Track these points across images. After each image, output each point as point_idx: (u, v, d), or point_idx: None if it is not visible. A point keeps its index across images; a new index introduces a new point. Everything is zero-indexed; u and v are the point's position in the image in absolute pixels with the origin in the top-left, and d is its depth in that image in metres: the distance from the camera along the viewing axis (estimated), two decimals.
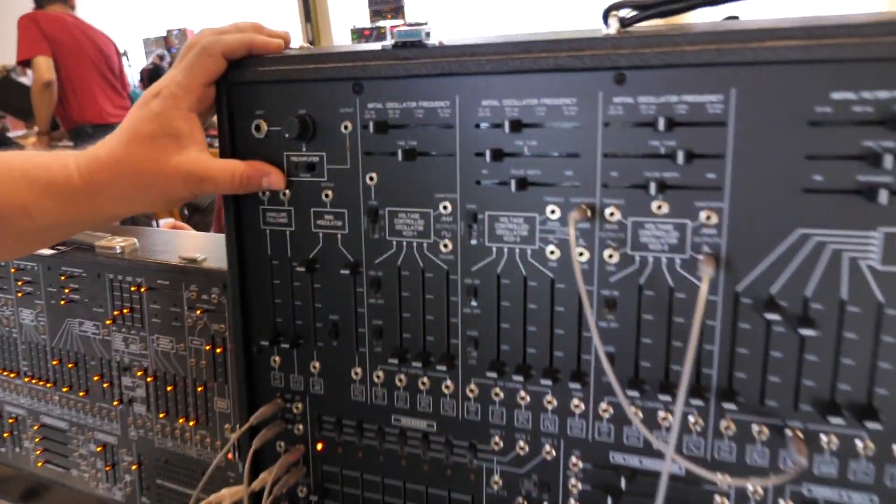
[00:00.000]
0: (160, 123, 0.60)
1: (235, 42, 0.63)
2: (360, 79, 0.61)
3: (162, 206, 0.66)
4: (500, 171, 0.58)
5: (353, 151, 0.63)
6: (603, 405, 0.59)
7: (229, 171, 0.63)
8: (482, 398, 0.63)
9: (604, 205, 0.55)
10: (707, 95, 0.51)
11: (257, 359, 0.72)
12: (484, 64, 0.56)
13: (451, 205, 0.60)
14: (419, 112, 0.60)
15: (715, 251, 0.53)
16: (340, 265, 0.65)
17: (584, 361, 0.59)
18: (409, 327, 0.64)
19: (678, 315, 0.55)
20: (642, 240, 0.55)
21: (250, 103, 0.66)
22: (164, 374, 0.99)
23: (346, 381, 0.68)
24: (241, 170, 0.63)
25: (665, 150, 0.53)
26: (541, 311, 0.59)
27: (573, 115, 0.55)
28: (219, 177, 0.62)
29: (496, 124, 0.57)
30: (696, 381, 0.56)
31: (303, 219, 0.66)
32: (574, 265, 0.51)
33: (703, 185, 0.52)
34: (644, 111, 0.53)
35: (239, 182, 0.63)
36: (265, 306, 0.70)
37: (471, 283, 0.61)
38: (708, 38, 0.50)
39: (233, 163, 0.64)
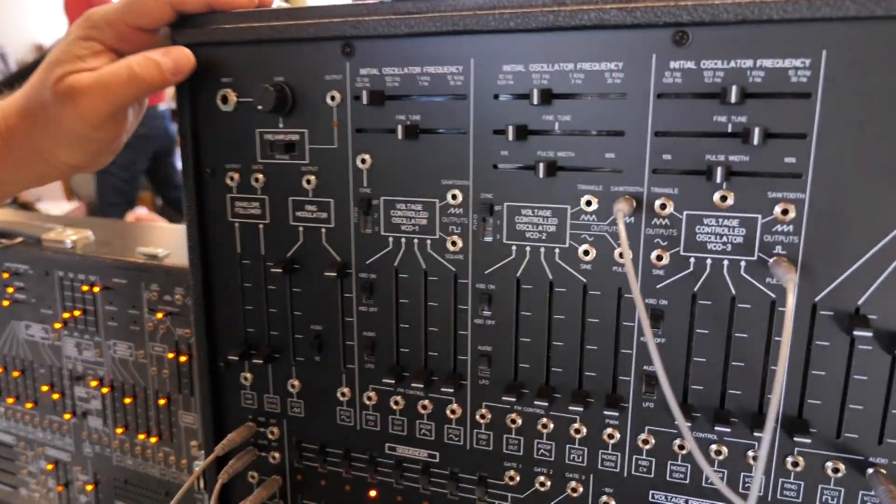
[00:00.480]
0: (60, 50, 0.53)
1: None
2: (351, 38, 0.50)
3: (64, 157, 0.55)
4: (524, 153, 0.47)
5: (341, 128, 0.52)
6: (643, 435, 0.49)
7: (110, 70, 0.51)
8: (495, 425, 0.52)
9: (653, 195, 0.45)
10: (790, 60, 0.41)
11: (225, 375, 0.60)
12: (507, 19, 0.45)
13: (462, 193, 0.49)
14: (424, 80, 0.49)
15: (790, 253, 0.43)
16: (325, 265, 0.54)
17: (622, 383, 0.48)
18: (408, 341, 0.53)
19: (741, 330, 0.45)
20: (699, 238, 0.45)
21: (215, 69, 0.54)
22: (122, 385, 0.87)
23: (332, 403, 0.57)
24: (122, 63, 0.51)
25: (733, 128, 0.43)
26: (570, 324, 0.49)
27: (618, 83, 0.44)
28: (94, 82, 0.50)
29: (520, 95, 0.46)
30: (758, 409, 0.46)
31: (279, 210, 0.55)
32: (628, 270, 0.41)
33: (779, 171, 0.42)
34: (709, 79, 0.42)
35: (126, 79, 0.50)
36: (234, 314, 0.58)
37: (484, 288, 0.50)
38: None
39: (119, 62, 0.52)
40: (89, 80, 0.51)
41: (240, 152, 0.55)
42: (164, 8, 0.52)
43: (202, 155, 0.56)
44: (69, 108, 0.51)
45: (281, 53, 0.52)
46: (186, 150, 0.56)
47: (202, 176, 0.57)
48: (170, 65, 0.51)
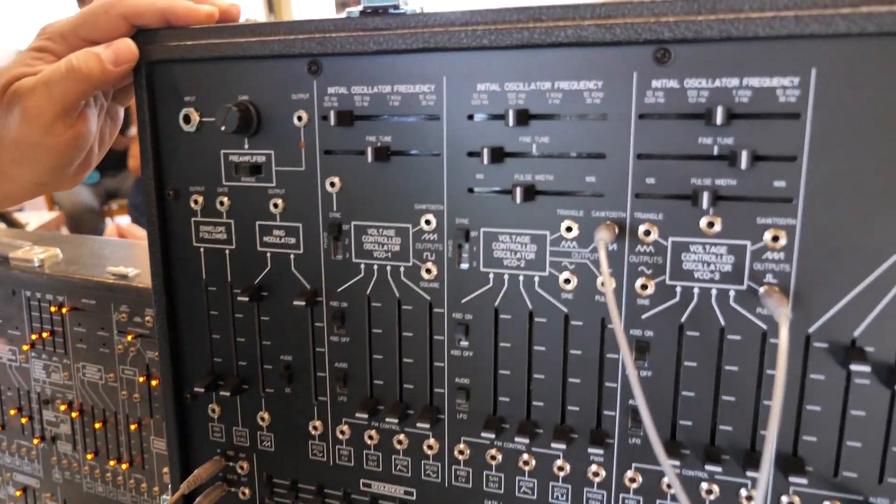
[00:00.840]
0: (11, 62, 0.52)
1: (145, 5, 0.49)
2: (318, 55, 0.47)
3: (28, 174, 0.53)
4: (501, 176, 0.45)
5: (308, 149, 0.49)
6: (630, 473, 0.46)
7: (50, 68, 0.49)
8: (474, 461, 0.50)
9: (636, 220, 0.42)
10: (778, 78, 0.38)
11: (192, 407, 0.57)
12: (480, 36, 0.42)
13: (436, 219, 0.47)
14: (395, 99, 0.46)
15: (781, 282, 0.41)
16: (294, 294, 0.51)
17: (607, 419, 0.46)
18: (382, 372, 0.51)
19: (731, 362, 0.43)
20: (686, 266, 0.42)
21: (177, 87, 0.51)
22: (92, 409, 0.84)
23: (303, 437, 0.54)
24: (62, 60, 0.49)
25: (720, 150, 0.40)
26: (551, 355, 0.46)
27: (598, 103, 0.42)
28: (36, 82, 0.48)
29: (496, 115, 0.44)
30: (751, 447, 0.44)
31: (246, 235, 0.52)
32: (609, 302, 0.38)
33: (768, 195, 0.40)
34: (693, 98, 0.40)
35: (65, 73, 0.48)
36: (200, 343, 0.56)
37: (461, 318, 0.48)
38: (783, 0, 0.37)
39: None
40: (32, 81, 0.49)
41: (204, 174, 0.52)
42: (117, 22, 0.50)
43: (165, 176, 0.54)
44: (16, 114, 0.49)
45: (245, 71, 0.49)
46: (147, 171, 0.53)
47: (165, 198, 0.54)
48: (110, 56, 0.49)
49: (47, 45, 0.51)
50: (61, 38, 0.51)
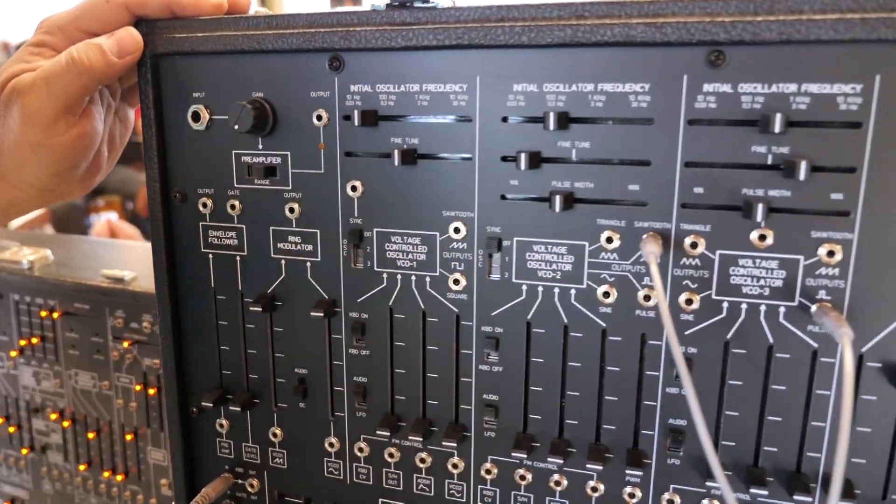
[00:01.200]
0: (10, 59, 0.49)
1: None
2: (341, 50, 0.44)
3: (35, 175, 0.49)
4: (537, 183, 0.42)
5: (328, 151, 0.46)
6: (668, 494, 0.44)
7: (50, 62, 0.46)
8: (503, 481, 0.47)
9: (682, 232, 0.40)
10: (839, 85, 0.36)
11: (198, 422, 0.54)
12: (518, 33, 0.40)
13: (466, 227, 0.44)
14: (423, 99, 0.43)
15: (835, 299, 0.39)
16: (310, 303, 0.49)
17: (644, 438, 0.44)
18: (405, 387, 0.48)
19: (779, 381, 0.41)
20: (734, 281, 0.40)
21: (185, 83, 0.48)
22: (85, 418, 0.80)
23: (318, 454, 0.52)
24: (62, 53, 0.46)
25: (774, 160, 0.38)
26: (587, 372, 0.44)
27: (644, 107, 0.39)
28: (35, 77, 0.45)
29: (533, 118, 0.41)
30: (797, 468, 0.42)
31: (259, 240, 0.49)
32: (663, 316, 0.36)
33: (824, 208, 0.38)
34: (747, 104, 0.38)
35: (66, 67, 0.45)
36: (207, 355, 0.52)
37: (490, 331, 0.45)
38: (851, 2, 0.35)
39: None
40: (31, 77, 0.46)
41: (214, 176, 0.49)
42: (119, 12, 0.47)
43: (171, 178, 0.50)
44: (16, 113, 0.46)
45: (260, 66, 0.46)
46: (152, 172, 0.50)
47: (171, 201, 0.51)
48: (113, 46, 0.46)
49: (45, 39, 0.48)
50: (60, 31, 0.48)
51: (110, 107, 0.53)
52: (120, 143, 0.56)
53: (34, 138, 0.46)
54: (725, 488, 0.32)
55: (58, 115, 0.46)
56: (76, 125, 0.47)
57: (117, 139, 0.55)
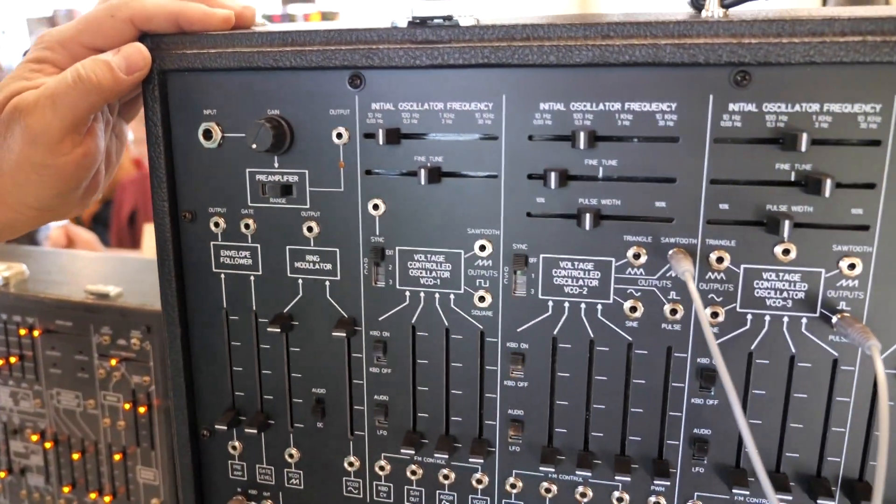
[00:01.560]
0: (9, 77, 0.47)
1: (154, 8, 0.44)
2: (362, 68, 0.43)
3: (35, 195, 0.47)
4: (564, 200, 0.43)
5: (349, 170, 0.45)
6: (691, 503, 0.45)
7: (55, 80, 0.44)
8: (527, 495, 0.48)
9: (708, 247, 0.41)
10: (860, 105, 0.38)
11: (208, 445, 0.53)
12: (546, 52, 0.40)
13: (491, 244, 0.44)
14: (447, 117, 0.43)
15: (855, 309, 0.40)
16: (329, 323, 0.48)
17: (669, 448, 0.45)
18: (428, 405, 0.48)
19: (800, 390, 0.42)
20: (758, 294, 0.41)
21: (195, 99, 0.47)
22: (69, 438, 0.78)
23: (337, 474, 0.51)
24: (68, 70, 0.44)
25: (796, 177, 0.39)
26: (612, 385, 0.45)
27: (671, 125, 0.40)
28: (39, 95, 0.43)
29: (560, 136, 0.42)
30: (817, 473, 0.43)
31: (275, 260, 0.48)
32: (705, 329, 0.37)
33: (845, 223, 0.39)
34: (771, 123, 0.39)
35: (73, 84, 0.43)
36: (218, 377, 0.51)
37: (516, 347, 0.45)
38: (871, 25, 0.36)
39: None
40: (34, 95, 0.44)
41: (226, 194, 0.48)
42: (123, 27, 0.45)
43: (180, 197, 0.49)
44: (17, 133, 0.44)
45: (276, 83, 0.45)
46: (160, 191, 0.48)
47: (179, 220, 0.49)
48: (121, 63, 0.44)
49: (46, 55, 0.46)
50: (61, 46, 0.46)
51: (108, 123, 0.51)
52: (116, 159, 0.54)
53: (38, 159, 0.44)
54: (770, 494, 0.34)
55: (63, 135, 0.44)
56: (81, 144, 0.45)
57: (113, 156, 0.53)
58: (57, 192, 0.46)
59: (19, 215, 0.47)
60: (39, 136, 0.43)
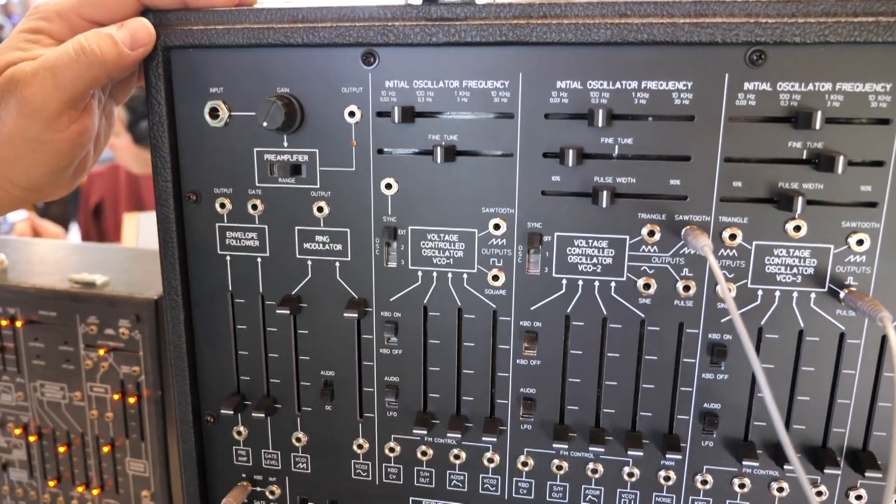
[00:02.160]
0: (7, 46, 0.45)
1: None
2: (376, 45, 0.43)
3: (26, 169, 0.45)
4: (579, 178, 0.43)
5: (361, 149, 0.45)
6: (701, 476, 0.46)
7: (55, 51, 0.42)
8: (539, 472, 0.48)
9: (721, 224, 0.42)
10: (870, 84, 0.39)
11: (212, 430, 0.52)
12: (564, 30, 0.40)
13: (506, 223, 0.44)
14: (463, 95, 0.43)
15: (862, 284, 0.41)
16: (339, 304, 0.48)
17: (680, 423, 0.45)
18: (439, 385, 0.48)
19: (808, 363, 0.43)
20: (769, 270, 0.42)
21: (200, 77, 0.46)
22: (54, 431, 0.75)
23: (346, 456, 0.51)
24: (69, 42, 0.42)
25: (808, 155, 0.40)
26: (624, 361, 0.45)
27: (686, 104, 0.41)
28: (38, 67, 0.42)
29: (576, 114, 0.42)
30: (822, 444, 0.44)
31: (283, 241, 0.48)
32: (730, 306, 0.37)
33: (854, 200, 0.40)
34: (784, 102, 0.40)
35: (75, 57, 0.41)
36: (222, 361, 0.50)
37: (529, 325, 0.46)
38: (883, 6, 0.37)
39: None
40: (32, 66, 0.42)
41: (233, 175, 0.47)
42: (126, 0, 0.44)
43: (184, 177, 0.48)
44: (12, 105, 0.42)
45: (286, 60, 0.44)
46: (164, 172, 0.47)
47: (183, 201, 0.48)
48: (125, 37, 0.43)
49: (43, 25, 0.44)
50: (59, 17, 0.44)
51: (100, 101, 0.49)
52: (104, 140, 0.52)
53: (32, 133, 0.43)
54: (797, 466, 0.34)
55: (62, 109, 0.42)
56: (78, 121, 0.44)
57: (102, 137, 0.52)
58: (48, 169, 0.45)
59: (4, 193, 0.46)
60: (37, 109, 0.42)
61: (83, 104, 0.44)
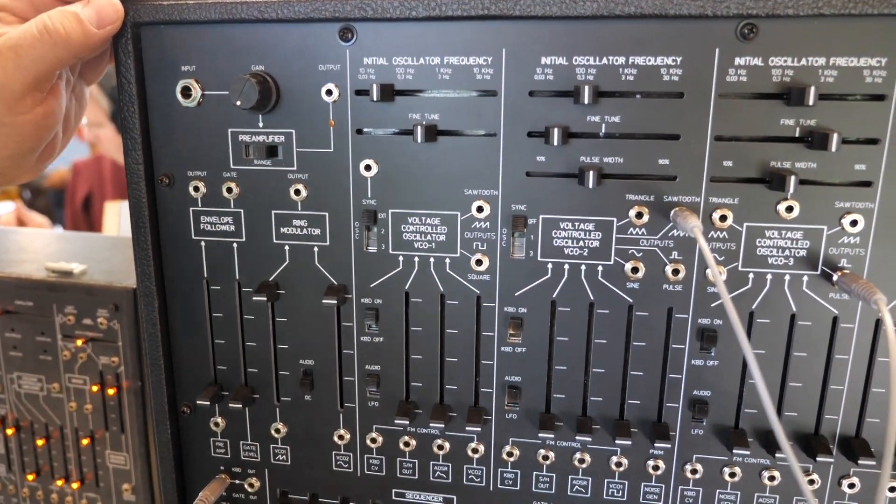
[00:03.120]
0: None
1: None
2: (353, 20, 0.41)
3: None
4: (564, 159, 0.41)
5: (339, 129, 0.43)
6: (690, 465, 0.45)
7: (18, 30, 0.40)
8: (525, 462, 0.47)
9: (711, 205, 0.40)
10: (865, 58, 0.37)
11: (189, 421, 0.51)
12: (548, 3, 0.38)
13: (489, 205, 0.43)
14: (444, 72, 0.41)
15: (855, 266, 0.40)
16: (317, 290, 0.46)
17: (669, 411, 0.44)
18: (421, 374, 0.46)
19: (801, 348, 0.42)
20: (760, 252, 0.41)
21: (172, 55, 0.44)
22: (32, 424, 0.74)
23: (326, 447, 0.49)
24: (32, 20, 0.41)
25: (801, 132, 0.39)
26: (612, 347, 0.44)
27: (676, 80, 0.39)
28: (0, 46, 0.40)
29: (561, 92, 0.40)
30: (815, 431, 0.43)
31: (259, 225, 0.46)
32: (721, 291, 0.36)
33: (848, 179, 0.39)
34: (777, 77, 0.38)
35: (38, 36, 0.40)
36: (198, 350, 0.49)
37: (514, 311, 0.44)
38: None
39: None
40: None
41: (207, 157, 0.45)
42: None
43: (156, 160, 0.46)
44: None
45: (260, 37, 0.43)
46: (135, 154, 0.45)
47: (156, 185, 0.46)
48: (91, 15, 0.41)
49: (5, 2, 0.42)
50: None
51: (68, 83, 0.47)
52: (75, 123, 0.50)
53: None
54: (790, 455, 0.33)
55: (25, 91, 0.40)
56: (43, 102, 0.42)
57: (72, 119, 0.50)
58: (11, 153, 0.43)
59: None
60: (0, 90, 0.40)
61: (48, 85, 0.42)
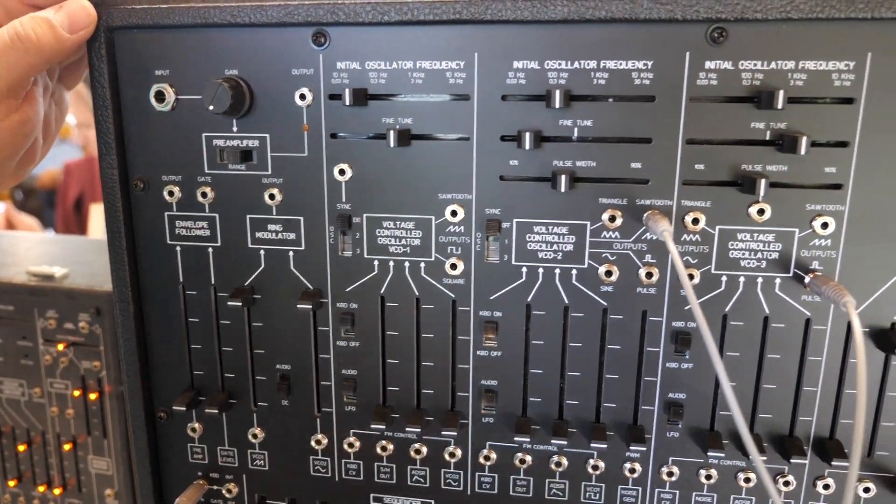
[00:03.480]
0: None
1: None
2: (326, 24, 0.41)
3: None
4: (538, 162, 0.41)
5: (313, 133, 0.43)
6: (667, 468, 0.45)
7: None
8: (502, 466, 0.47)
9: (683, 209, 0.41)
10: (834, 62, 0.37)
11: (166, 427, 0.50)
12: (520, 8, 0.39)
13: (463, 209, 0.43)
14: (417, 76, 0.41)
15: (827, 268, 0.40)
16: (293, 295, 0.46)
17: (645, 413, 0.44)
18: (398, 378, 0.46)
19: (774, 351, 0.42)
20: (732, 255, 0.41)
21: (145, 59, 0.44)
22: (13, 429, 0.73)
23: (304, 452, 0.49)
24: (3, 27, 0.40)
25: (771, 136, 0.39)
26: (587, 351, 0.44)
27: (647, 84, 0.39)
28: None
29: (534, 96, 0.40)
30: (789, 432, 0.43)
31: (234, 230, 0.46)
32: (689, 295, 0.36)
33: (818, 182, 0.39)
34: (747, 81, 0.38)
35: (10, 43, 0.39)
36: (175, 356, 0.49)
37: (489, 315, 0.44)
38: None
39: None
40: None
41: (181, 161, 0.45)
42: None
43: (130, 164, 0.46)
44: None
45: (234, 41, 0.43)
46: (109, 158, 0.45)
47: (130, 189, 0.46)
48: (63, 20, 0.41)
49: None
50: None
51: (47, 88, 0.47)
52: (55, 128, 0.50)
53: None
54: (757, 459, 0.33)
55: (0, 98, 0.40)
56: (18, 110, 0.42)
57: (52, 125, 0.50)
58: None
59: None
60: None
61: (23, 92, 0.42)
